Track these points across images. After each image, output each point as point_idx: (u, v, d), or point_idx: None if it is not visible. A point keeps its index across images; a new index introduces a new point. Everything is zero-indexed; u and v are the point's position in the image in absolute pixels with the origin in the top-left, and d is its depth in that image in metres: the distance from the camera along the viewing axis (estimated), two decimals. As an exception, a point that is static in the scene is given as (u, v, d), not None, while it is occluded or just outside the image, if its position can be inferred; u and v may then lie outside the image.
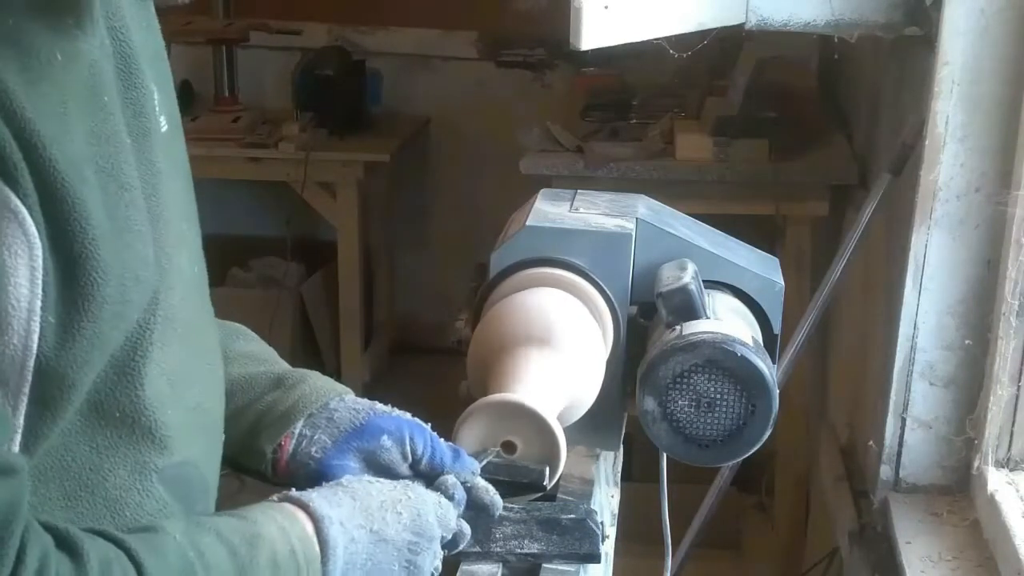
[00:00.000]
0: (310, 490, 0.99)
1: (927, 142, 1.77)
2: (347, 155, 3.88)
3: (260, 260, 4.35)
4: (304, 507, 0.96)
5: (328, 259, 4.16)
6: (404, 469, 1.06)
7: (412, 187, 4.47)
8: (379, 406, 1.11)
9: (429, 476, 1.06)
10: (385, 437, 1.06)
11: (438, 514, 1.01)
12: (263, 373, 1.13)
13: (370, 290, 4.36)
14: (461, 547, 1.05)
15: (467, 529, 1.04)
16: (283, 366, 1.16)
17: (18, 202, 0.76)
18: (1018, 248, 1.70)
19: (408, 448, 1.06)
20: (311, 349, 4.27)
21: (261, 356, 1.16)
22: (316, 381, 1.12)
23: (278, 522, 0.93)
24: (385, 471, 1.06)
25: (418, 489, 1.02)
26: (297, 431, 1.08)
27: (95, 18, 0.86)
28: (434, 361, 4.29)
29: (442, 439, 1.08)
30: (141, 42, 0.94)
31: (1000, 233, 1.76)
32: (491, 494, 1.06)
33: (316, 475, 1.06)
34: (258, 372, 1.13)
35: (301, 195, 3.88)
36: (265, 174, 3.97)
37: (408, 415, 1.10)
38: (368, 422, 1.08)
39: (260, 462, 1.08)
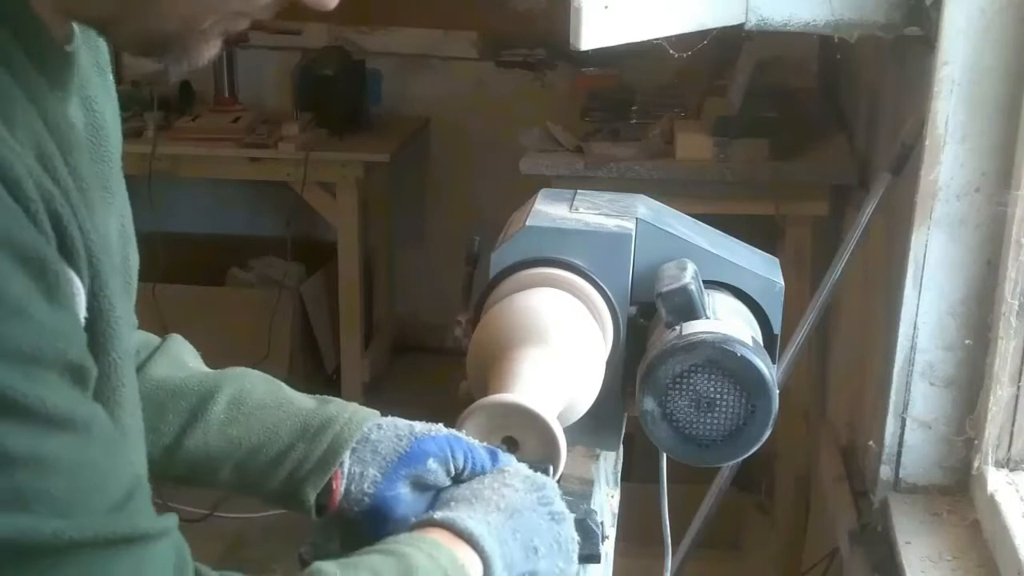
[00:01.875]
0: (443, 510, 0.99)
1: (927, 142, 1.77)
2: (347, 155, 3.88)
3: (260, 260, 4.35)
4: (449, 527, 0.96)
5: (328, 259, 4.16)
6: (447, 482, 1.06)
7: (412, 187, 4.46)
8: (417, 426, 1.10)
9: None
10: (431, 460, 1.05)
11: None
12: (282, 420, 1.10)
13: (370, 290, 4.36)
14: None
15: None
16: (296, 404, 1.12)
17: (79, 284, 0.77)
18: (1018, 248, 1.70)
19: (451, 466, 1.05)
20: (311, 349, 4.27)
21: (268, 399, 1.13)
22: (342, 414, 1.10)
23: (424, 551, 0.92)
24: (431, 488, 1.06)
25: (516, 464, 1.05)
26: (346, 471, 1.07)
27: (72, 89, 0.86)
28: (434, 361, 4.31)
29: (476, 440, 1.07)
30: (107, 114, 0.94)
31: (1000, 233, 1.76)
32: None
33: (371, 509, 1.06)
34: (277, 419, 1.10)
35: (301, 195, 3.88)
36: (265, 174, 3.96)
37: (444, 430, 1.08)
38: (413, 448, 1.07)
39: (303, 506, 1.08)
